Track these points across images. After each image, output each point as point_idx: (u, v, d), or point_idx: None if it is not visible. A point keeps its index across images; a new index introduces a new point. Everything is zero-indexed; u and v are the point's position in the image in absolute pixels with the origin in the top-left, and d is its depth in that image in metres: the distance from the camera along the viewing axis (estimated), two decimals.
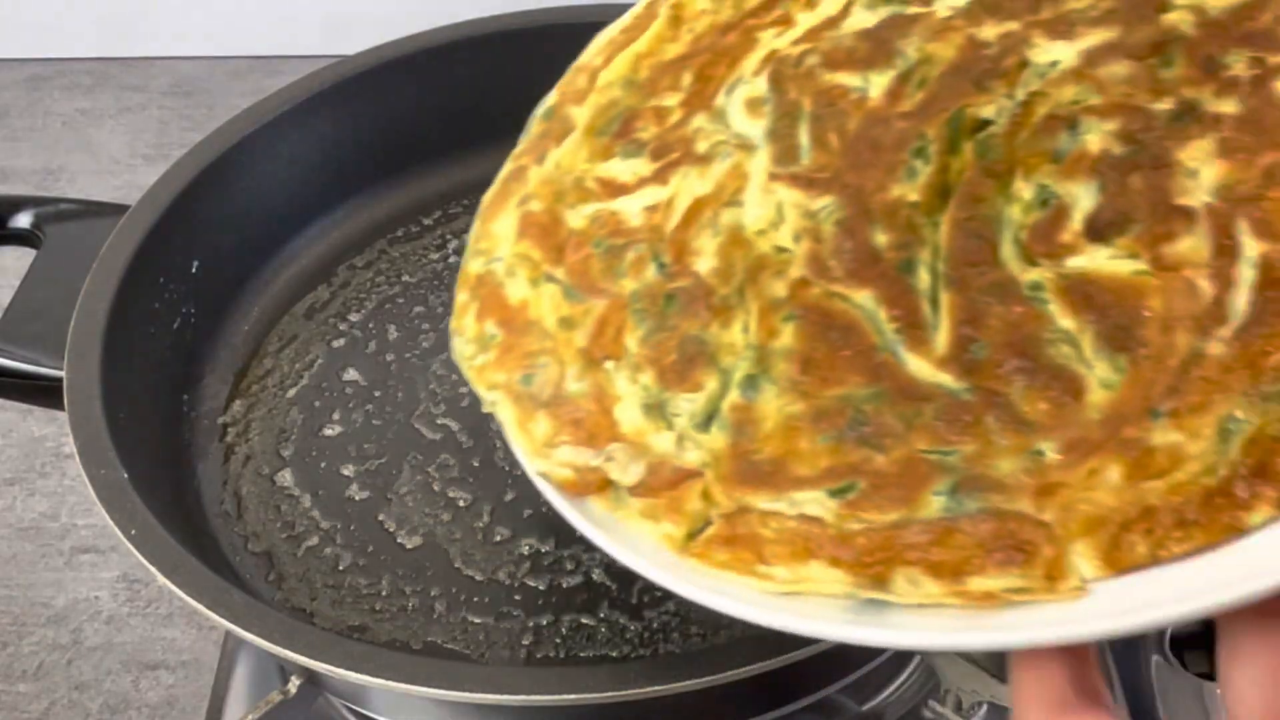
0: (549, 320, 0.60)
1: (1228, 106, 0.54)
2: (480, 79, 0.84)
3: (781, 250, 0.59)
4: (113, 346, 0.67)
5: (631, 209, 0.63)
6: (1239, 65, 0.56)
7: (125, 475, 0.61)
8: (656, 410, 0.56)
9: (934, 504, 0.48)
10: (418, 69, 0.83)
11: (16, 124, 1.27)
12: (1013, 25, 0.62)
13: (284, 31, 1.30)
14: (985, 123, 0.59)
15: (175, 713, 0.84)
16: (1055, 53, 0.60)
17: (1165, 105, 0.56)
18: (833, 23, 0.66)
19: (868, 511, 0.49)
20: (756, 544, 0.50)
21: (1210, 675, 0.73)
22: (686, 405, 0.55)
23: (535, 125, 0.68)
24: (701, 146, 0.63)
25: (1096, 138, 0.56)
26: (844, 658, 0.64)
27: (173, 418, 0.71)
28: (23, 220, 0.77)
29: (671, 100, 0.66)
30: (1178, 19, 0.58)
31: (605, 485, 0.54)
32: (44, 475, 0.98)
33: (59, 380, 0.66)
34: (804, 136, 0.61)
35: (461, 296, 0.62)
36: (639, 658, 0.61)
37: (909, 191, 0.58)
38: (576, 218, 0.63)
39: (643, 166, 0.64)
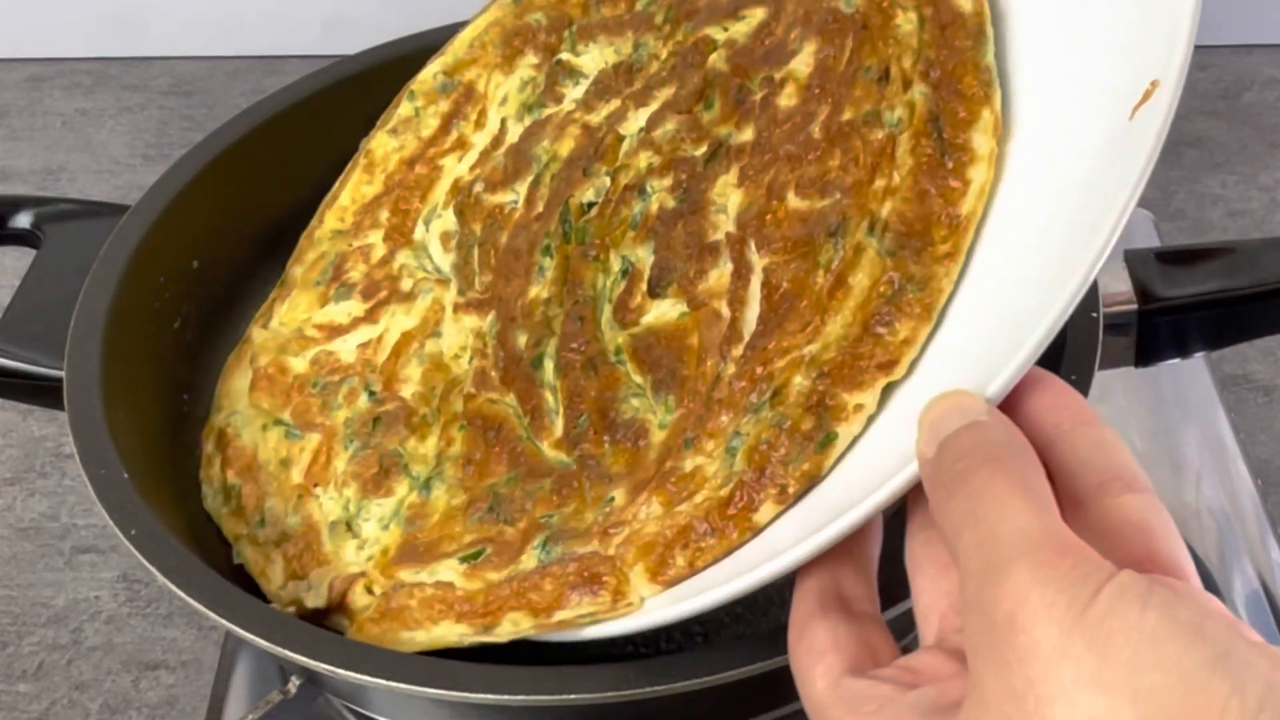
0: (273, 463, 0.66)
1: (747, 134, 0.58)
2: None
3: (467, 372, 0.65)
4: (113, 346, 0.67)
5: (346, 347, 0.69)
6: (758, 89, 0.58)
7: (125, 475, 0.61)
8: (344, 526, 0.62)
9: (533, 557, 0.56)
10: (418, 69, 0.82)
11: (16, 124, 1.27)
12: (615, 103, 0.66)
13: (284, 31, 1.30)
14: (591, 205, 0.63)
15: (175, 713, 0.84)
16: (639, 121, 0.64)
17: (702, 149, 0.59)
18: (497, 142, 0.72)
19: (487, 571, 0.56)
20: (404, 615, 0.56)
21: None
22: (377, 509, 0.62)
23: (274, 292, 0.74)
24: (406, 284, 0.70)
25: (658, 198, 0.60)
26: None
27: (173, 418, 0.71)
28: (23, 220, 0.77)
29: (374, 237, 0.72)
30: (716, 58, 0.62)
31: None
32: (44, 475, 0.98)
33: (59, 380, 0.66)
34: (475, 262, 0.68)
35: (208, 448, 0.69)
36: (639, 657, 0.61)
37: (541, 290, 0.63)
38: (301, 362, 0.69)
39: (355, 308, 0.70)
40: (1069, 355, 0.64)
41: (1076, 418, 0.44)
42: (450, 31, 0.83)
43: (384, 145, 0.76)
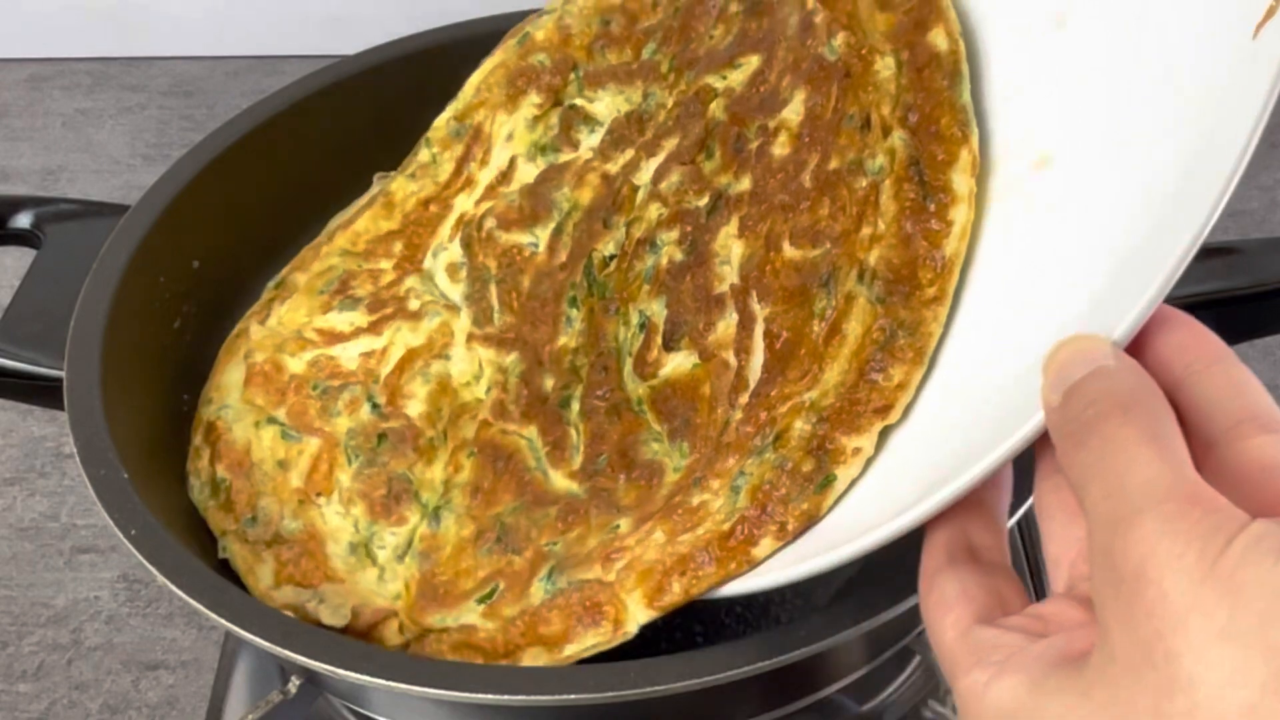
0: (269, 462, 0.67)
1: (745, 184, 0.60)
2: None
3: (480, 400, 0.68)
4: (113, 346, 0.67)
5: (348, 354, 0.71)
6: (754, 137, 0.59)
7: (125, 475, 0.61)
8: (363, 549, 0.64)
9: (540, 589, 0.58)
10: (417, 69, 0.83)
11: (16, 124, 1.27)
12: (630, 153, 0.69)
13: (284, 31, 1.30)
14: (611, 258, 0.66)
15: (175, 713, 0.84)
16: (650, 171, 0.66)
17: (704, 200, 0.61)
18: (504, 178, 0.74)
19: (502, 608, 0.58)
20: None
21: None
22: (391, 538, 0.64)
23: (266, 293, 0.76)
24: (414, 304, 0.72)
25: (667, 251, 0.62)
26: (844, 658, 0.65)
27: (173, 418, 0.71)
28: (23, 220, 0.77)
29: (385, 264, 0.75)
30: (715, 107, 0.63)
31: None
32: (44, 475, 0.98)
33: (59, 380, 0.66)
34: (494, 299, 0.70)
35: (196, 440, 0.70)
36: (640, 657, 0.61)
37: (569, 339, 0.66)
38: (297, 363, 0.70)
39: (359, 318, 0.72)
40: None
41: (1210, 356, 0.43)
42: (450, 32, 0.83)
43: (403, 189, 0.78)
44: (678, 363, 0.61)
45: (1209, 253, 0.74)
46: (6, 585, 0.91)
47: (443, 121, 0.79)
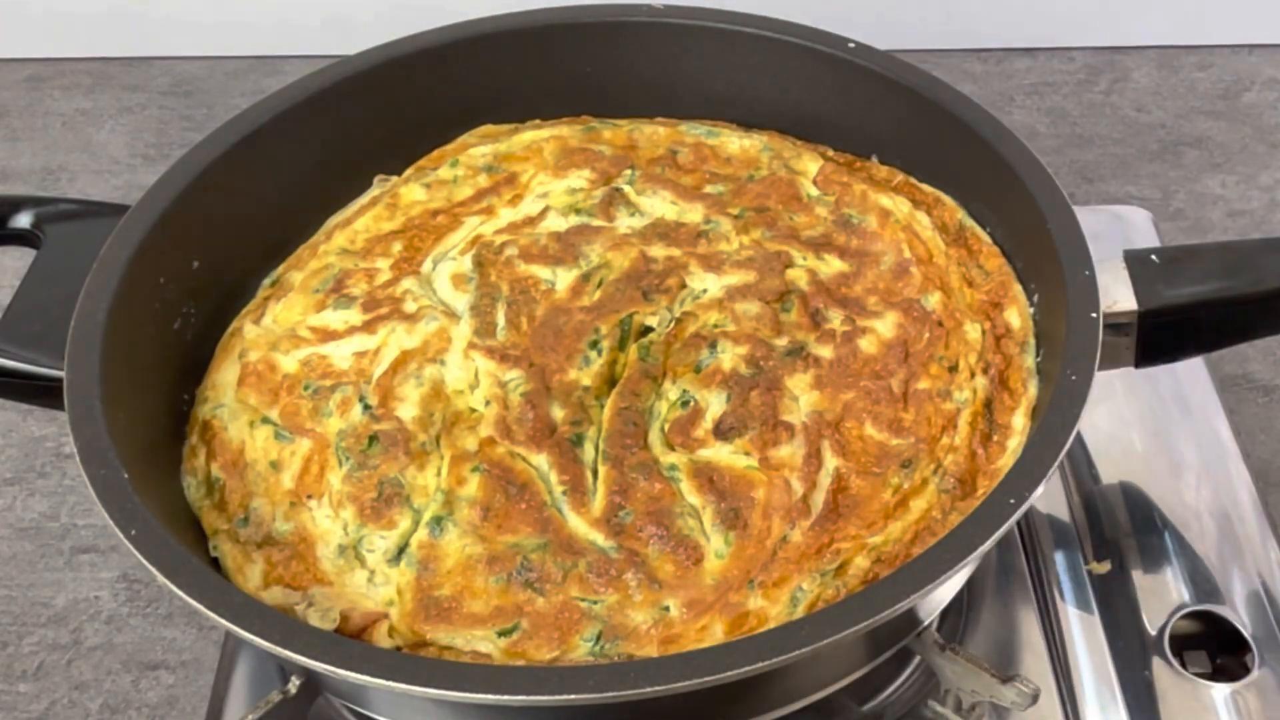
0: (262, 463, 0.68)
1: (825, 351, 0.72)
2: (480, 79, 0.84)
3: (474, 410, 0.70)
4: (113, 346, 0.67)
5: (341, 353, 0.72)
6: (837, 321, 0.73)
7: (125, 475, 0.61)
8: (352, 551, 0.65)
9: (583, 647, 0.61)
10: (418, 69, 0.83)
11: (16, 124, 1.27)
12: (676, 251, 0.76)
13: (284, 31, 1.30)
14: (648, 329, 0.72)
15: (175, 713, 0.84)
16: (707, 282, 0.75)
17: (782, 342, 0.72)
18: (532, 221, 0.79)
19: (528, 650, 0.61)
20: None
21: (1210, 675, 0.73)
22: (380, 542, 0.65)
23: (261, 291, 0.77)
24: (410, 306, 0.74)
25: (729, 357, 0.71)
26: (844, 658, 0.65)
27: (173, 418, 0.71)
28: (23, 220, 0.77)
29: (382, 264, 0.77)
30: (796, 275, 0.75)
31: None
32: (44, 475, 0.98)
33: (59, 380, 0.66)
34: (500, 316, 0.73)
35: (192, 439, 0.71)
36: (640, 657, 0.61)
37: (584, 377, 0.70)
38: (290, 362, 0.72)
39: (353, 317, 0.74)
40: (1069, 355, 0.64)
41: None
42: (450, 32, 0.83)
43: (413, 194, 0.80)
44: (727, 454, 0.67)
45: (1209, 253, 0.74)
46: (6, 585, 0.91)
47: (478, 154, 0.81)
